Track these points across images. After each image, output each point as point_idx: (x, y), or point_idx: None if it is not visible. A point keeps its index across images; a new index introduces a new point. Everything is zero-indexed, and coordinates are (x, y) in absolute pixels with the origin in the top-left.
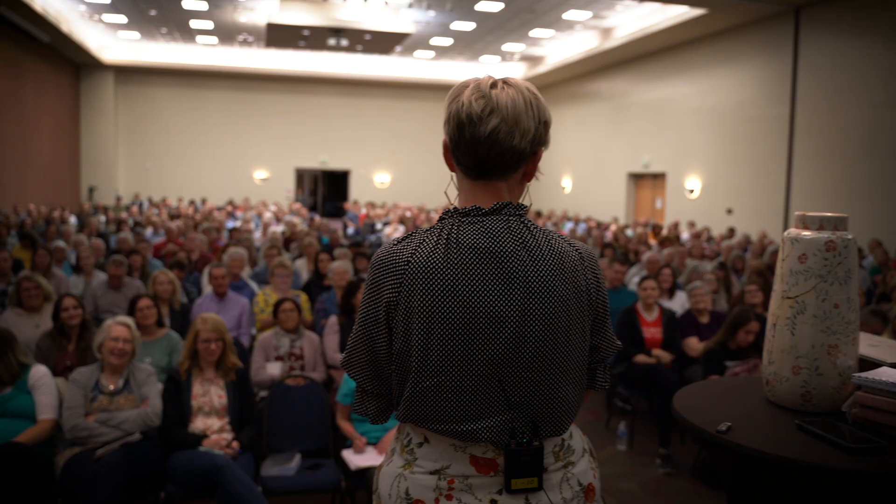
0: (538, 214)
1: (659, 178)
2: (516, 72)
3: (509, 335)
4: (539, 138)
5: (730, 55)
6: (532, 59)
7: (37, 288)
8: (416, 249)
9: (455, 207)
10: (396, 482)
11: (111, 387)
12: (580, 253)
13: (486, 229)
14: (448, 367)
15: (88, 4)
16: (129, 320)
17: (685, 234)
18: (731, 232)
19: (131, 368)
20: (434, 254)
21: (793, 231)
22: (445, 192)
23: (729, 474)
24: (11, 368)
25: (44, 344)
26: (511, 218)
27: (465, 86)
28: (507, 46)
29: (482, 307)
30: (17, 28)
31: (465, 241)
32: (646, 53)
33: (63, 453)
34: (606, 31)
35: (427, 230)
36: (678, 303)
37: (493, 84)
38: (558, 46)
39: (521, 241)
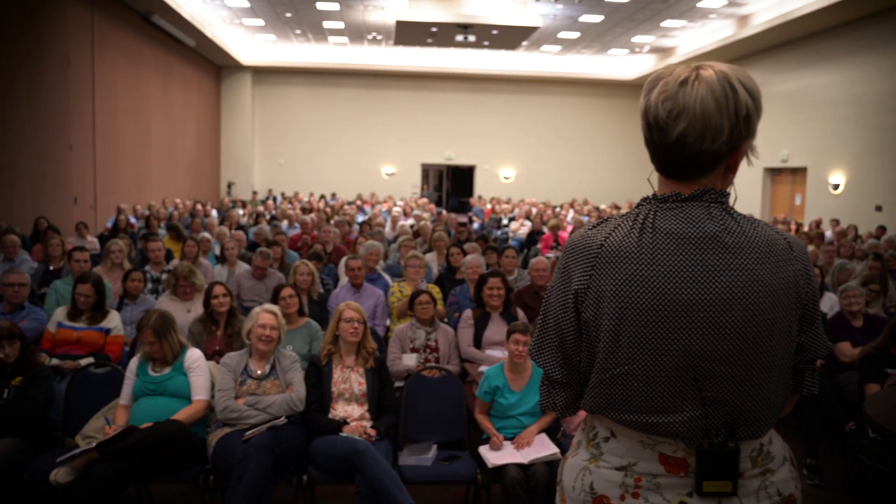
0: None
1: (799, 172)
2: (645, 65)
3: (707, 325)
4: (738, 135)
5: (881, 40)
6: (662, 51)
7: (191, 286)
8: (609, 234)
9: (654, 193)
10: (581, 475)
11: (259, 371)
12: (789, 242)
13: (684, 215)
14: (639, 356)
15: (230, 9)
16: (275, 309)
17: (828, 232)
18: (882, 230)
19: (277, 355)
20: (628, 238)
21: None
22: (648, 179)
23: None
24: (174, 348)
25: (195, 329)
26: (712, 204)
27: (658, 79)
28: (637, 38)
29: (677, 294)
30: (166, 34)
31: (661, 226)
32: (786, 41)
33: (215, 433)
34: (743, 19)
35: (622, 215)
36: (827, 304)
37: (684, 81)
38: (690, 37)
39: (723, 226)
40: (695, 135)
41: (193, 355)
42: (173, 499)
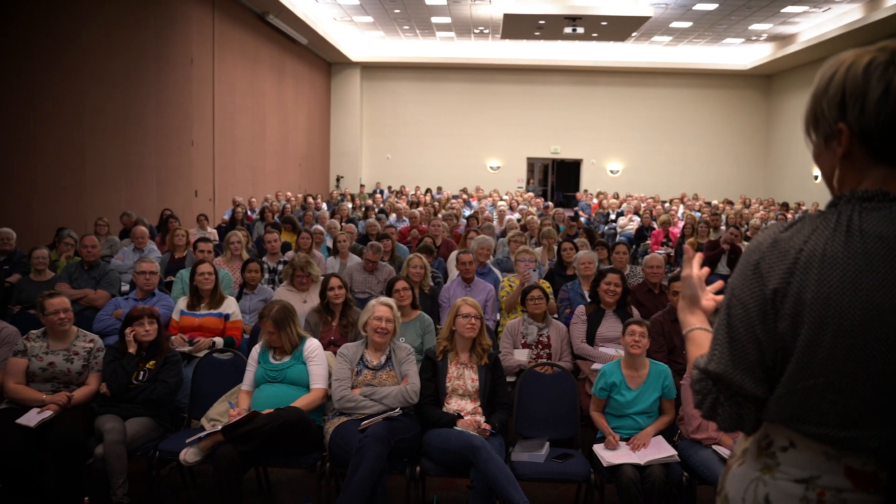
0: (784, 207)
1: None
2: (761, 53)
3: None
4: None
5: None
6: (781, 39)
7: (307, 276)
8: (809, 236)
9: (851, 191)
10: (753, 486)
11: (374, 362)
12: None
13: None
14: (839, 367)
15: (341, 7)
16: (391, 301)
17: None
18: None
19: (392, 346)
20: (832, 242)
21: None
22: (826, 183)
23: None
24: (292, 339)
25: (311, 319)
26: None
27: (889, 63)
28: (755, 26)
29: (890, 304)
30: (280, 32)
31: (870, 230)
32: None
33: (332, 421)
34: (873, 2)
35: (819, 215)
36: None
37: None
38: (813, 23)
39: None
40: None
41: (312, 345)
42: (290, 483)
